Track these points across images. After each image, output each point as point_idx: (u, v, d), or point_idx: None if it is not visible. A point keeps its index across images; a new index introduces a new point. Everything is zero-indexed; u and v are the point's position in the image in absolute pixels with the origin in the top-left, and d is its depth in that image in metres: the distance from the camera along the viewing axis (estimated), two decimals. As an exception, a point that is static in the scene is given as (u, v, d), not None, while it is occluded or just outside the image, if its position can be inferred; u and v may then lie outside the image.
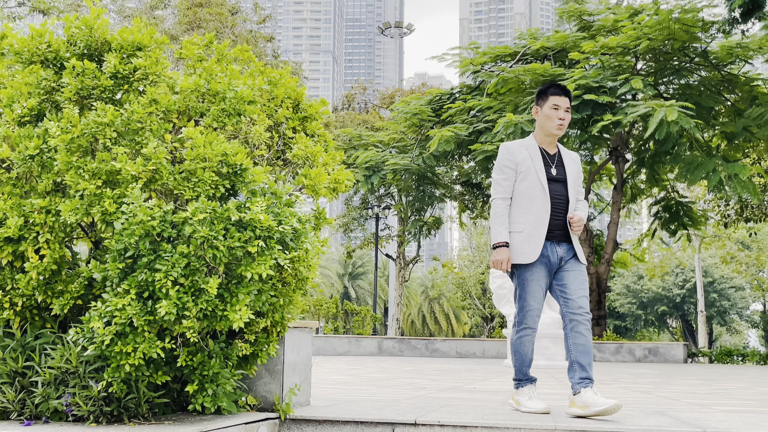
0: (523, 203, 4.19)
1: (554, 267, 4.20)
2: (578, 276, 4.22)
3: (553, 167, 4.26)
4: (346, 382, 7.36)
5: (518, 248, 4.15)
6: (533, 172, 4.20)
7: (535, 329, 4.27)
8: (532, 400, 4.28)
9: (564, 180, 4.26)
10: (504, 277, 13.10)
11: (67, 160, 3.29)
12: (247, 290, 3.33)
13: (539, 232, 4.13)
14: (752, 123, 17.40)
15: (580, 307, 4.15)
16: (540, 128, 4.32)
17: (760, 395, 6.60)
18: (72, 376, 3.39)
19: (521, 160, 4.22)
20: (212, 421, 3.59)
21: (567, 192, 4.25)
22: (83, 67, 3.44)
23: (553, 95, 4.24)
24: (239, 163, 3.38)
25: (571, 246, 4.24)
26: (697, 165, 17.24)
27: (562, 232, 4.22)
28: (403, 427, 4.00)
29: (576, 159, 4.41)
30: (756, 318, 54.32)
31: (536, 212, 4.16)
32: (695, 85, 18.75)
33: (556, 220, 4.20)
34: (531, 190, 4.18)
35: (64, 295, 3.52)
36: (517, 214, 4.19)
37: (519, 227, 4.17)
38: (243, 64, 4.01)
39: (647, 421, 4.04)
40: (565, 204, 4.24)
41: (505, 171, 4.25)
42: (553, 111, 4.23)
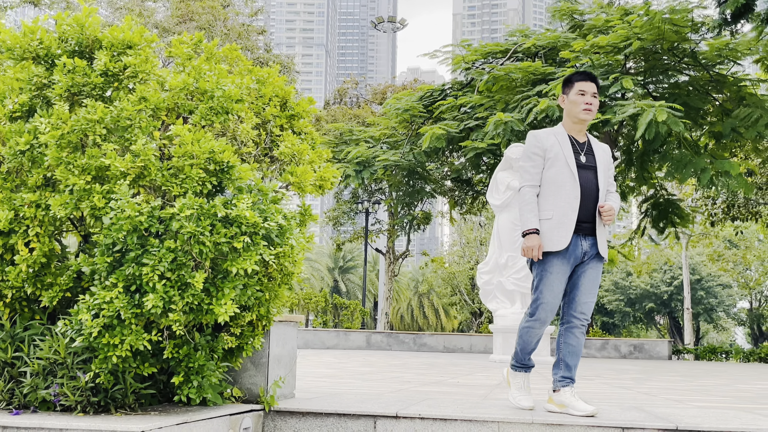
0: (552, 190, 4.07)
1: (577, 261, 4.08)
2: (594, 279, 4.13)
3: (582, 155, 4.14)
4: (332, 375, 7.45)
5: (547, 235, 4.02)
6: (562, 157, 4.08)
7: (545, 324, 4.15)
8: (521, 393, 4.27)
9: (594, 167, 4.13)
10: (491, 273, 13.23)
11: (57, 156, 3.36)
12: (233, 285, 3.41)
13: (569, 218, 4.01)
14: (740, 123, 17.56)
15: (582, 313, 4.12)
16: (567, 116, 4.22)
17: (738, 392, 6.74)
18: (60, 366, 3.47)
19: (549, 146, 4.11)
20: (197, 412, 3.67)
21: (597, 180, 4.12)
22: (74, 65, 3.51)
23: (579, 81, 4.15)
24: (226, 161, 3.46)
25: (595, 241, 4.11)
26: (686, 163, 17.39)
27: (589, 225, 4.09)
28: (385, 419, 4.10)
29: (606, 150, 4.29)
30: (743, 316, 54.76)
31: (565, 198, 4.03)
32: (684, 85, 18.90)
33: (585, 210, 4.06)
34: (559, 176, 4.06)
35: (53, 288, 3.60)
36: (545, 201, 4.08)
37: (548, 214, 4.05)
38: (231, 63, 4.08)
39: (623, 416, 4.16)
40: (596, 192, 4.10)
41: (532, 158, 4.14)
42: (579, 96, 4.12)
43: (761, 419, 4.20)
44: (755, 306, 52.61)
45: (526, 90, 17.84)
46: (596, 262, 4.14)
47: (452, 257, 43.48)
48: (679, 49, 17.96)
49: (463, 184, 24.53)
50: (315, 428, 4.16)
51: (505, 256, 12.92)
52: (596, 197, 4.10)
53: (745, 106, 17.70)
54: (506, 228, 12.96)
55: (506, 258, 12.91)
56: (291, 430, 4.19)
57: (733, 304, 53.34)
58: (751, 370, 13.20)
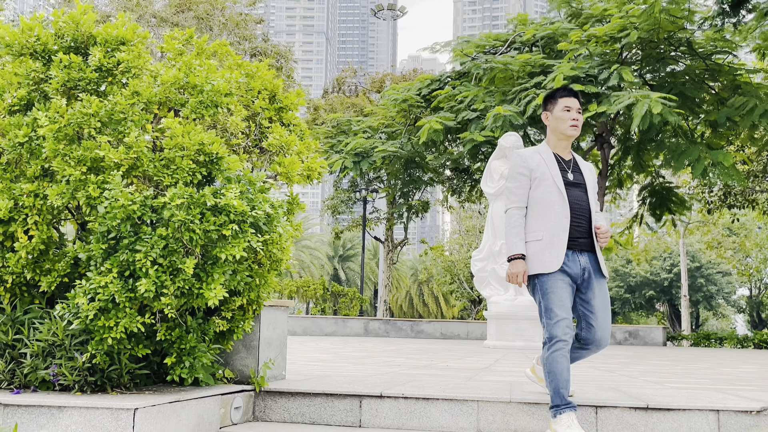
0: (540, 210, 3.94)
1: (577, 278, 3.92)
2: (604, 299, 3.97)
3: (569, 172, 4.02)
4: (326, 360, 7.65)
5: (537, 257, 3.87)
6: (549, 177, 3.95)
7: (568, 342, 3.79)
8: (572, 429, 3.70)
9: (583, 185, 4.03)
10: (485, 261, 13.42)
11: (55, 148, 3.53)
12: (222, 270, 3.59)
13: (559, 239, 3.87)
14: (735, 112, 17.65)
15: (602, 338, 3.95)
16: (552, 132, 4.10)
17: (719, 375, 6.93)
18: (58, 348, 3.66)
19: (535, 165, 3.99)
20: (190, 392, 3.86)
21: (587, 197, 4.01)
22: (70, 61, 3.67)
23: (563, 97, 4.06)
24: (215, 152, 3.63)
25: (594, 256, 3.99)
26: (681, 152, 17.51)
27: (585, 240, 3.96)
28: (370, 399, 4.29)
29: (591, 169, 4.17)
30: (742, 303, 54.98)
31: (554, 218, 3.90)
32: (680, 74, 18.99)
33: (578, 228, 3.94)
34: (547, 196, 3.93)
35: (51, 273, 3.78)
36: (534, 222, 3.94)
37: (537, 235, 3.91)
38: (222, 58, 4.24)
39: (597, 396, 4.35)
40: (587, 210, 3.99)
41: (518, 178, 4.02)
42: (565, 112, 4.03)
43: (731, 398, 4.38)
44: (755, 293, 52.83)
45: (524, 82, 17.92)
46: (601, 281, 3.99)
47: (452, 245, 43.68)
48: (675, 39, 18.05)
49: (462, 173, 24.67)
50: (303, 408, 4.36)
51: (499, 244, 13.11)
52: (588, 214, 3.99)
53: (741, 95, 17.80)
54: (500, 216, 13.14)
55: (500, 245, 13.10)
56: (280, 409, 4.38)
57: (733, 292, 53.55)
58: (742, 355, 13.41)
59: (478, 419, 4.17)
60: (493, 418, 4.16)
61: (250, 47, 27.23)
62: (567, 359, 3.79)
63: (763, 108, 16.72)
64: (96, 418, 3.30)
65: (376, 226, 29.09)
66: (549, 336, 3.82)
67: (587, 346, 3.98)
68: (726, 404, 4.10)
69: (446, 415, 4.20)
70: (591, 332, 3.92)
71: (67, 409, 3.33)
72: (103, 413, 3.30)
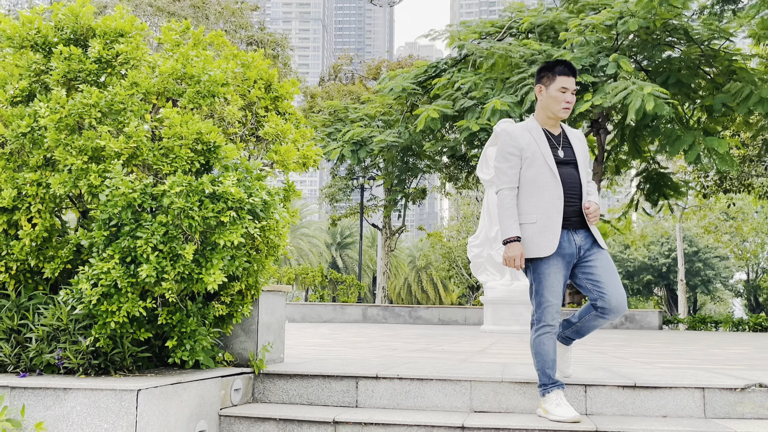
0: (533, 191, 3.87)
1: (573, 258, 3.90)
2: (608, 266, 3.91)
3: (560, 149, 3.94)
4: (324, 345, 7.78)
5: (533, 240, 3.84)
6: (540, 156, 3.88)
7: (555, 327, 3.87)
8: (561, 407, 3.80)
9: (573, 161, 3.95)
10: (481, 246, 13.55)
11: (56, 138, 3.63)
12: (221, 256, 3.70)
13: (554, 221, 3.82)
14: (730, 98, 17.74)
15: (618, 304, 3.86)
16: (543, 109, 3.99)
17: (710, 356, 7.06)
18: (63, 332, 3.77)
19: (525, 144, 3.90)
20: (191, 374, 3.98)
21: (578, 174, 3.95)
22: (70, 53, 3.77)
23: (561, 75, 3.94)
24: (213, 141, 3.73)
25: (588, 232, 3.94)
26: (676, 138, 17.62)
27: (578, 219, 3.91)
28: (366, 380, 4.41)
29: (581, 138, 4.11)
30: (740, 287, 55.22)
31: (548, 199, 3.84)
32: (675, 60, 19.05)
33: (571, 207, 3.88)
34: (540, 177, 3.86)
35: (54, 260, 3.89)
36: (528, 204, 3.88)
37: (531, 218, 3.86)
38: (218, 48, 4.33)
39: (587, 375, 4.48)
40: (578, 188, 3.93)
41: (509, 158, 3.93)
42: (560, 93, 3.92)
43: (716, 377, 4.51)
44: (752, 277, 53.07)
45: (523, 70, 17.95)
46: (599, 251, 3.94)
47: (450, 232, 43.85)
48: (671, 25, 18.10)
49: (459, 159, 24.76)
50: (301, 389, 4.48)
51: (495, 230, 13.23)
52: (580, 191, 3.94)
53: (736, 81, 17.87)
54: (495, 202, 13.26)
55: (496, 231, 13.22)
56: (279, 390, 4.50)
57: (730, 276, 53.76)
58: (736, 337, 13.56)
59: (471, 398, 4.29)
60: (485, 397, 4.28)
61: (246, 35, 27.24)
62: (553, 342, 3.88)
63: (758, 95, 16.81)
64: (100, 399, 3.42)
65: (374, 213, 29.20)
66: (537, 319, 3.90)
67: (606, 314, 3.91)
68: (711, 382, 4.23)
69: (440, 395, 4.32)
70: (605, 300, 3.85)
71: (72, 390, 3.45)
72: (107, 395, 3.41)
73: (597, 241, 3.94)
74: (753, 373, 4.91)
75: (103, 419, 3.40)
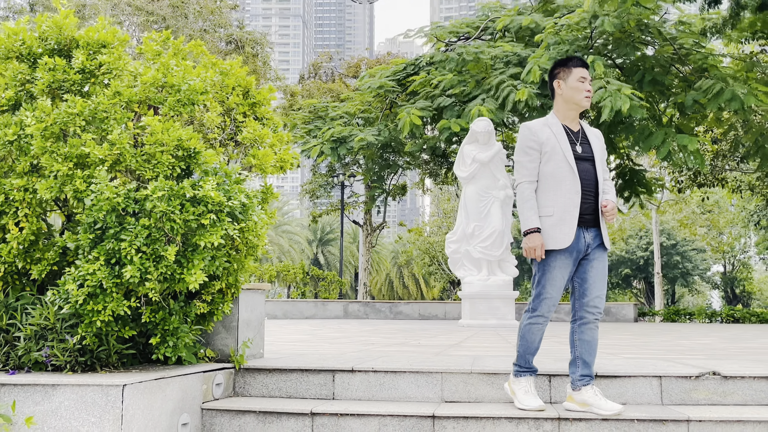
0: (551, 185, 3.97)
1: (581, 254, 4.01)
2: (602, 270, 4.04)
3: (578, 145, 4.02)
4: (304, 340, 7.97)
5: (549, 233, 3.94)
6: (559, 151, 3.96)
7: (547, 319, 4.02)
8: (528, 395, 4.03)
9: (591, 158, 4.04)
10: (458, 242, 13.80)
11: (42, 145, 3.80)
12: (202, 257, 3.88)
13: (571, 215, 3.92)
14: (702, 95, 18.07)
15: (595, 307, 4.03)
16: (565, 102, 4.07)
17: (676, 346, 7.35)
18: (50, 331, 3.94)
19: (545, 139, 3.99)
20: (174, 369, 4.17)
21: (595, 171, 4.03)
22: (54, 63, 3.93)
23: (578, 67, 4.03)
24: (193, 147, 3.91)
25: (599, 231, 4.04)
26: (649, 134, 17.93)
27: (591, 216, 4.01)
28: (342, 373, 4.62)
29: (599, 136, 4.20)
30: (717, 279, 56.01)
31: (566, 194, 3.94)
32: (649, 58, 19.38)
33: (586, 203, 3.99)
34: (558, 171, 3.95)
35: (41, 262, 4.06)
36: (545, 197, 3.98)
37: (548, 210, 3.96)
38: (197, 57, 4.51)
39: (552, 365, 4.71)
40: (595, 184, 4.02)
41: (529, 153, 4.02)
42: (580, 83, 4.01)
43: (674, 366, 4.77)
44: (729, 270, 53.85)
45: (499, 71, 18.14)
46: (601, 253, 4.05)
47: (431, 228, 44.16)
48: (644, 24, 18.42)
49: (438, 156, 24.99)
50: (281, 383, 4.68)
51: (472, 226, 13.49)
52: (596, 188, 4.02)
53: (708, 79, 18.22)
54: (472, 199, 13.53)
55: (473, 227, 13.48)
56: (259, 385, 4.70)
57: (708, 268, 54.49)
58: (707, 328, 13.93)
59: (442, 389, 4.52)
60: (455, 388, 4.51)
61: (225, 34, 27.29)
62: (541, 333, 4.04)
63: (730, 92, 17.16)
64: (87, 394, 3.60)
65: (355, 210, 29.41)
66: (533, 307, 4.01)
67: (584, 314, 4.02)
68: (668, 371, 4.48)
69: (413, 386, 4.54)
70: (583, 301, 4.01)
71: (60, 386, 3.62)
72: (94, 390, 3.59)
73: (603, 242, 4.05)
74: (711, 362, 5.18)
75: (90, 413, 3.58)
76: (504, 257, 13.49)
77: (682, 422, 3.99)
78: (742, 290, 54.35)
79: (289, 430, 4.21)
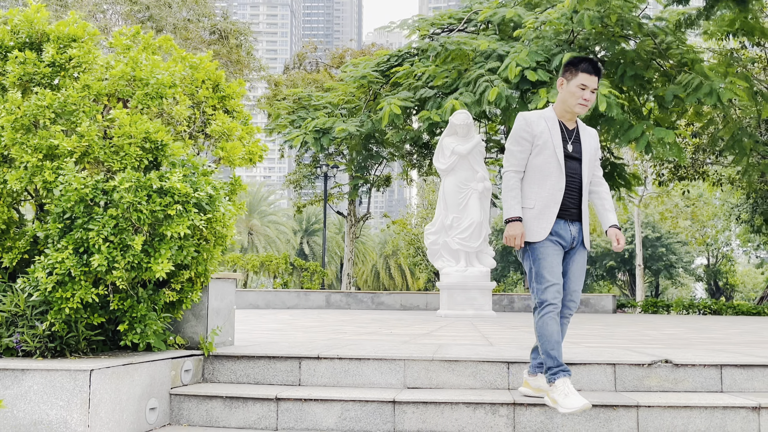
0: (536, 178, 4.03)
1: (567, 245, 4.05)
2: (581, 267, 4.12)
3: (570, 143, 4.06)
4: (279, 329, 8.10)
5: (528, 225, 4.00)
6: (551, 146, 4.01)
7: (557, 306, 3.93)
8: (569, 397, 3.79)
9: (579, 158, 4.08)
10: (437, 234, 13.96)
11: (12, 137, 3.90)
12: (168, 246, 4.00)
13: (551, 210, 3.99)
14: (681, 90, 18.28)
15: (572, 301, 4.09)
16: (561, 102, 4.10)
17: (640, 336, 7.54)
18: (21, 318, 4.05)
19: (539, 132, 4.02)
20: (142, 356, 4.29)
21: (581, 170, 4.08)
22: (25, 57, 4.02)
23: (584, 72, 4.00)
24: (160, 140, 4.02)
25: (581, 228, 4.11)
26: (629, 127, 18.14)
27: (576, 211, 4.07)
28: (308, 360, 4.76)
29: (594, 135, 4.22)
30: (700, 272, 56.53)
31: (549, 189, 4.00)
32: (630, 52, 19.56)
33: (570, 199, 4.04)
34: (546, 166, 4.01)
35: (12, 251, 4.16)
36: (530, 190, 4.04)
37: (530, 203, 4.02)
38: (167, 51, 4.61)
39: (511, 354, 4.87)
40: (579, 182, 4.08)
41: (521, 142, 4.05)
42: (579, 90, 4.00)
43: (630, 354, 4.94)
44: (712, 262, 54.37)
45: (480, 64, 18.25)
46: (582, 250, 4.12)
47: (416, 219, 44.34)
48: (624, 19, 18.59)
49: (421, 147, 25.12)
50: (248, 369, 4.81)
51: (450, 218, 13.65)
52: (580, 186, 4.08)
53: (687, 73, 18.43)
54: (451, 191, 13.69)
55: (451, 219, 13.64)
56: (227, 371, 4.83)
57: (692, 261, 54.96)
58: (680, 319, 14.17)
59: (404, 376, 4.67)
60: (417, 374, 4.66)
61: (209, 24, 27.25)
62: (557, 323, 3.92)
63: (708, 86, 17.38)
64: (56, 379, 3.72)
65: (339, 200, 29.51)
66: (540, 300, 3.94)
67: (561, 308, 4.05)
68: (622, 359, 4.65)
69: (377, 373, 4.69)
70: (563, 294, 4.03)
71: (30, 371, 3.74)
72: (62, 374, 3.71)
73: (583, 240, 4.10)
74: (668, 351, 5.35)
75: (59, 397, 3.70)
76: (482, 249, 13.66)
77: (632, 408, 4.16)
78: (725, 283, 54.91)
79: (255, 414, 4.34)
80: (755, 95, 20.04)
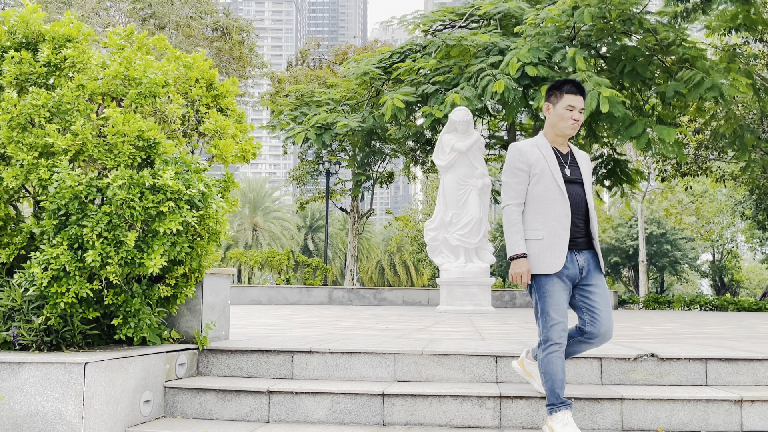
0: (540, 207, 3.90)
1: (575, 279, 3.90)
2: (605, 293, 3.96)
3: (567, 167, 3.98)
4: (277, 324, 8.20)
5: (539, 257, 3.85)
6: (548, 173, 3.90)
7: (563, 345, 3.83)
8: (567, 427, 3.76)
9: (580, 181, 3.99)
10: (437, 230, 14.05)
11: (9, 135, 3.99)
12: (161, 242, 4.09)
13: (561, 238, 3.84)
14: (683, 86, 18.29)
15: (607, 331, 3.92)
16: (551, 127, 4.01)
17: (633, 330, 7.60)
18: (17, 312, 4.15)
19: (534, 161, 3.93)
20: (137, 349, 4.39)
21: (585, 194, 3.98)
22: (21, 57, 4.11)
23: (569, 93, 3.96)
24: (153, 138, 4.11)
25: (591, 254, 3.98)
26: (630, 123, 18.17)
27: (584, 239, 3.94)
28: (300, 354, 4.85)
29: (587, 159, 4.14)
30: (706, 268, 56.44)
31: (555, 216, 3.87)
32: (632, 48, 19.58)
33: (576, 227, 3.92)
34: (548, 193, 3.88)
35: (9, 247, 4.26)
36: (535, 220, 3.90)
37: (538, 234, 3.87)
38: (161, 51, 4.69)
39: (502, 348, 4.95)
40: (585, 207, 3.96)
41: (517, 174, 3.95)
42: (567, 111, 3.94)
43: (617, 348, 5.02)
44: (717, 258, 54.28)
45: (481, 60, 18.30)
46: (600, 277, 3.97)
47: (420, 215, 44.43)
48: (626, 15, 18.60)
49: (424, 144, 25.19)
50: (242, 363, 4.90)
51: (450, 214, 13.73)
52: (586, 211, 3.97)
53: (688, 69, 18.44)
54: (451, 187, 13.77)
55: (451, 215, 13.72)
56: (221, 365, 4.92)
57: (697, 257, 54.88)
58: (678, 315, 14.23)
59: (394, 369, 4.75)
60: (407, 368, 4.74)
61: (212, 21, 27.35)
62: (562, 360, 3.83)
63: (710, 82, 17.39)
64: (51, 371, 3.81)
65: (342, 197, 29.62)
66: (545, 338, 3.85)
67: (591, 339, 3.96)
68: (609, 353, 4.73)
69: (367, 366, 4.77)
70: (596, 326, 3.89)
71: (26, 364, 3.83)
72: (57, 367, 3.80)
73: (599, 265, 3.97)
74: (656, 345, 5.43)
75: (54, 389, 3.79)
76: (481, 245, 13.74)
77: (616, 400, 4.24)
78: (731, 279, 54.82)
79: (247, 407, 4.44)
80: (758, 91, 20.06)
